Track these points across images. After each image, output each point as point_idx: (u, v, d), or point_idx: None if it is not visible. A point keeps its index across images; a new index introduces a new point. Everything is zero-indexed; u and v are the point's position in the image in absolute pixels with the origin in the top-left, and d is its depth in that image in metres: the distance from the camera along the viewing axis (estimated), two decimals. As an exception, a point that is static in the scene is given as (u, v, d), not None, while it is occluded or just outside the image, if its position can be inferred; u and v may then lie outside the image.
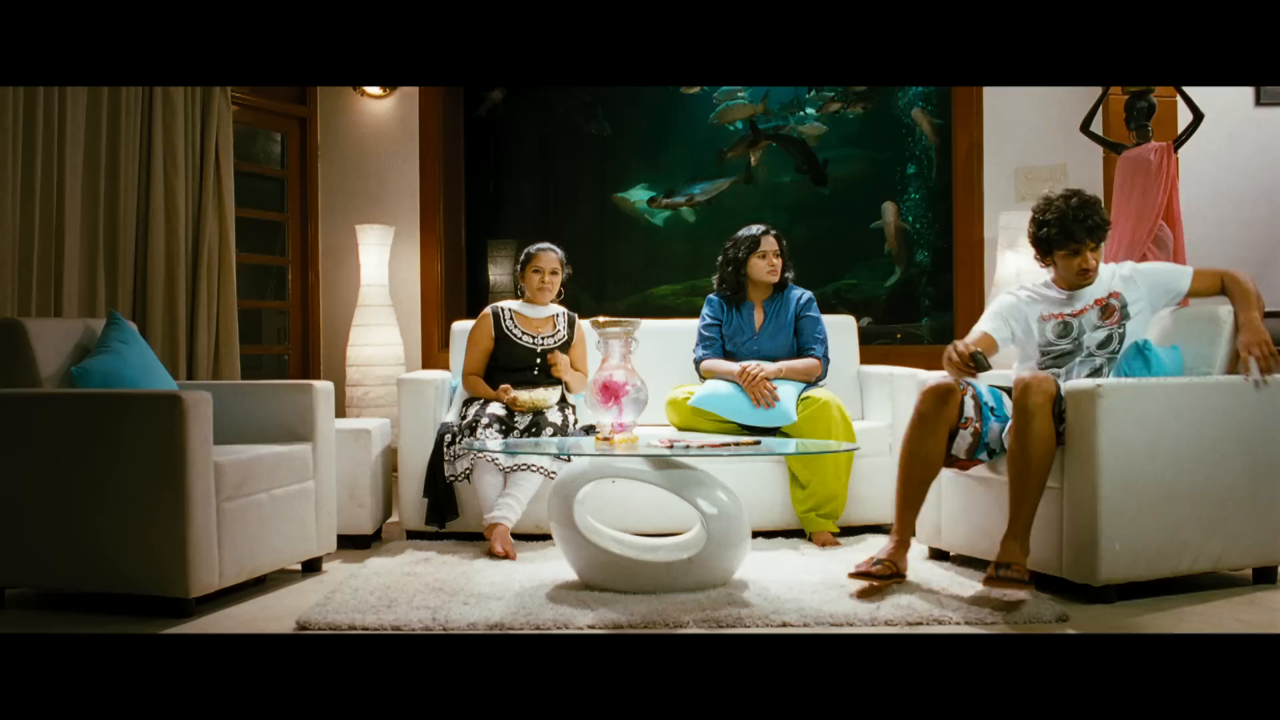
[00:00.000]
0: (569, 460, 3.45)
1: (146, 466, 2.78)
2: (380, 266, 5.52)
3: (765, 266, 4.07)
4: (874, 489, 3.90)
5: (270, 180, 5.87)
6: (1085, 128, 4.63)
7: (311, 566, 3.41)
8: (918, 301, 6.13)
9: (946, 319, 5.86)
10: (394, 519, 4.18)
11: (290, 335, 5.81)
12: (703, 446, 3.00)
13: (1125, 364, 3.07)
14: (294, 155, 5.81)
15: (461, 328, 4.22)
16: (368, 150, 5.79)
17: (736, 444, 3.08)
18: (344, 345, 5.54)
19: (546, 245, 4.06)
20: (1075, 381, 2.93)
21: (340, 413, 5.55)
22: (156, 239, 4.62)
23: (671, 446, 2.99)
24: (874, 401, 4.17)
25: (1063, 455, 2.92)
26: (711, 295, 4.19)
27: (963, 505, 3.30)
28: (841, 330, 4.34)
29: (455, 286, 6.02)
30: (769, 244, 4.08)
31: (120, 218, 4.46)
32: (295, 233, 5.80)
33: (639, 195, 6.42)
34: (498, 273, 6.42)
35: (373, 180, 5.78)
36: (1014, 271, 4.74)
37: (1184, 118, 4.48)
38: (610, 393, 3.08)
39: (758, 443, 3.16)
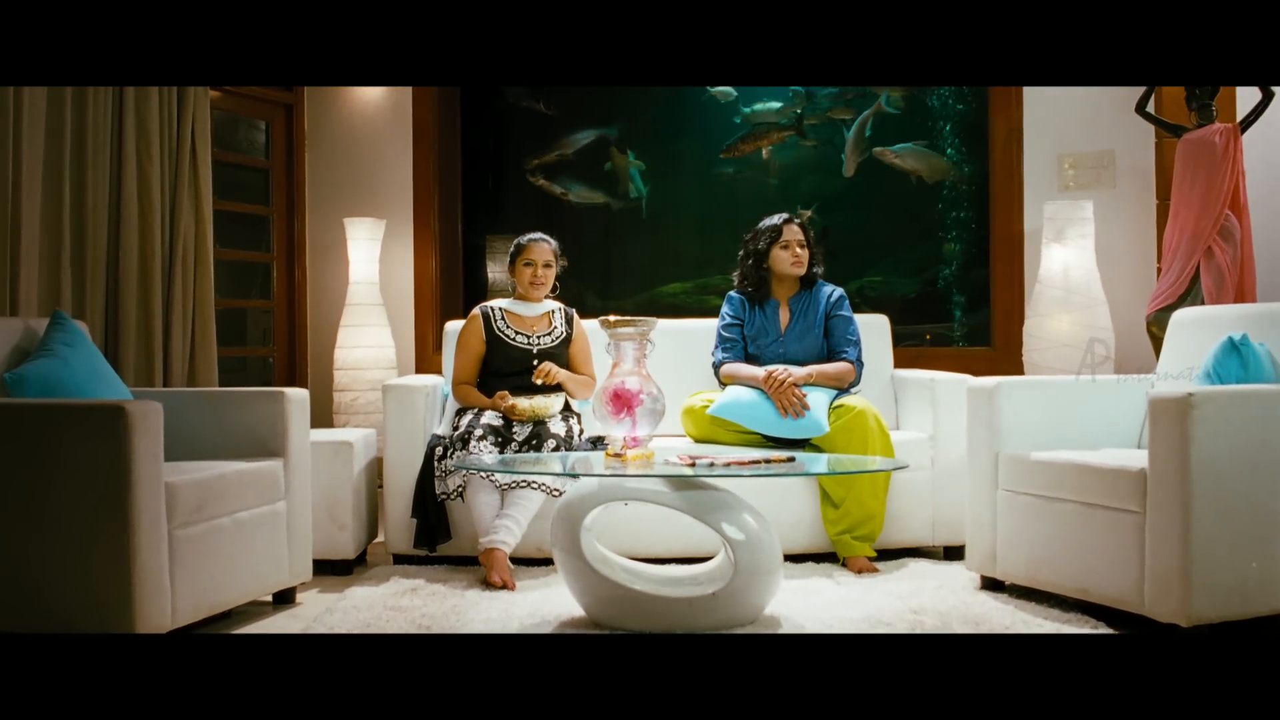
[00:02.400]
0: (576, 477, 3.06)
1: (85, 488, 2.39)
2: (370, 263, 5.14)
3: (789, 258, 3.67)
4: (913, 507, 3.51)
5: (255, 171, 5.50)
6: (1140, 109, 4.24)
7: (285, 598, 3.03)
8: (947, 300, 5.73)
9: (978, 318, 5.46)
10: (380, 539, 3.79)
11: (276, 336, 5.43)
12: (729, 464, 2.61)
13: (1217, 362, 2.67)
14: (279, 145, 5.45)
15: (455, 328, 3.82)
16: (358, 139, 5.43)
17: (767, 461, 2.69)
18: (332, 347, 5.16)
19: (538, 235, 3.67)
20: (1161, 388, 2.54)
21: (327, 420, 5.18)
22: (129, 234, 4.25)
23: (694, 464, 2.60)
24: (910, 409, 3.77)
25: (1145, 475, 2.53)
26: (732, 293, 3.79)
27: (1022, 528, 2.91)
28: (873, 331, 3.94)
29: (451, 284, 5.63)
30: (792, 233, 3.69)
31: (90, 211, 4.09)
32: (280, 227, 5.43)
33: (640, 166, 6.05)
34: (497, 270, 6.03)
35: (363, 171, 5.42)
36: (1061, 266, 4.34)
37: (1247, 96, 4.09)
38: (622, 402, 2.69)
39: (792, 459, 2.76)
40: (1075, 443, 2.99)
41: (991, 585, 3.06)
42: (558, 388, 3.58)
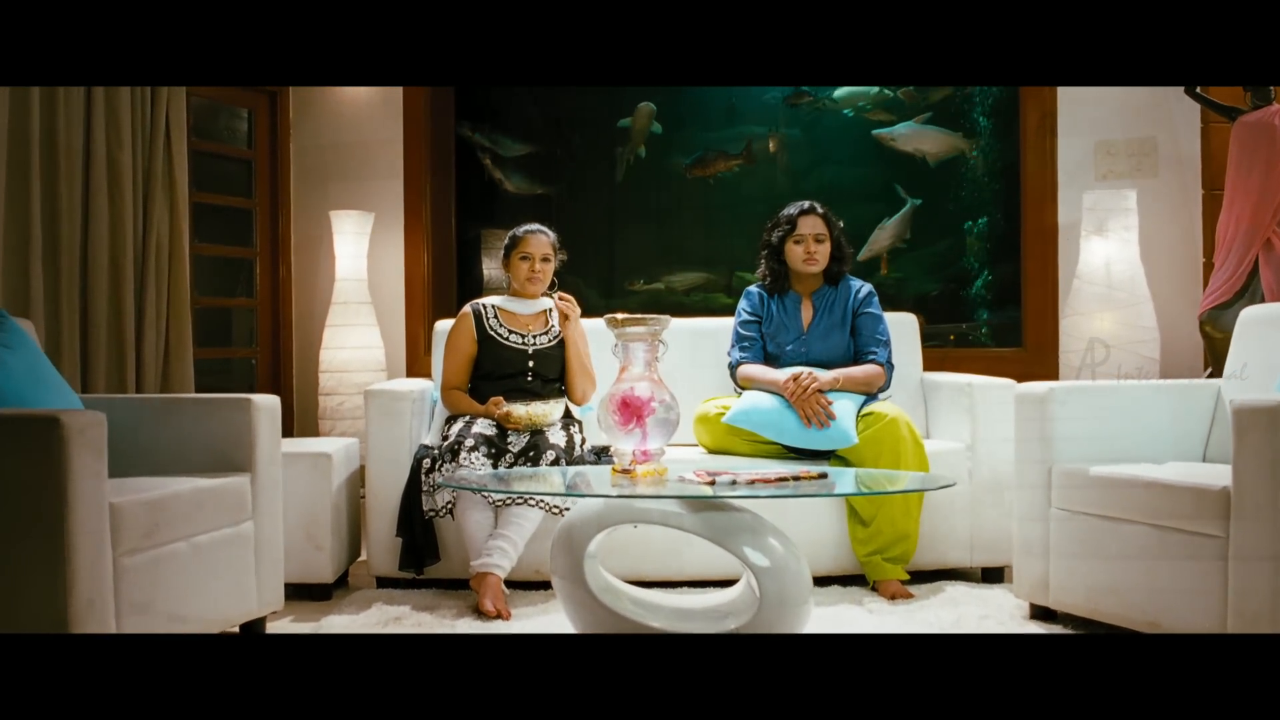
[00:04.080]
0: (579, 497, 2.74)
1: (15, 510, 2.07)
2: (358, 258, 4.83)
3: (801, 254, 3.35)
4: (949, 525, 3.20)
5: (237, 162, 5.19)
6: (1190, 90, 3.93)
7: (253, 630, 2.70)
8: (969, 298, 5.42)
9: (1005, 317, 5.14)
10: (363, 558, 3.47)
11: (259, 336, 5.12)
12: (753, 482, 2.29)
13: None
14: (263, 134, 5.14)
15: (444, 328, 3.51)
16: (345, 128, 5.12)
17: (795, 478, 2.37)
18: (318, 348, 4.85)
19: (536, 227, 3.36)
20: (1245, 396, 2.23)
21: (313, 426, 4.86)
22: (98, 227, 3.94)
23: (714, 482, 2.28)
24: (942, 417, 3.46)
25: (1229, 494, 2.22)
26: (750, 287, 3.47)
27: (1080, 552, 2.59)
28: (900, 331, 3.61)
29: (444, 281, 5.32)
30: (808, 226, 3.36)
31: (62, 202, 3.77)
32: (264, 221, 5.12)
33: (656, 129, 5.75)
34: (492, 266, 5.72)
35: (351, 161, 5.12)
36: (1102, 261, 4.02)
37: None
38: (631, 411, 2.37)
39: (824, 475, 2.44)
40: (1135, 455, 2.68)
41: (1042, 614, 2.74)
42: (558, 393, 3.27)
